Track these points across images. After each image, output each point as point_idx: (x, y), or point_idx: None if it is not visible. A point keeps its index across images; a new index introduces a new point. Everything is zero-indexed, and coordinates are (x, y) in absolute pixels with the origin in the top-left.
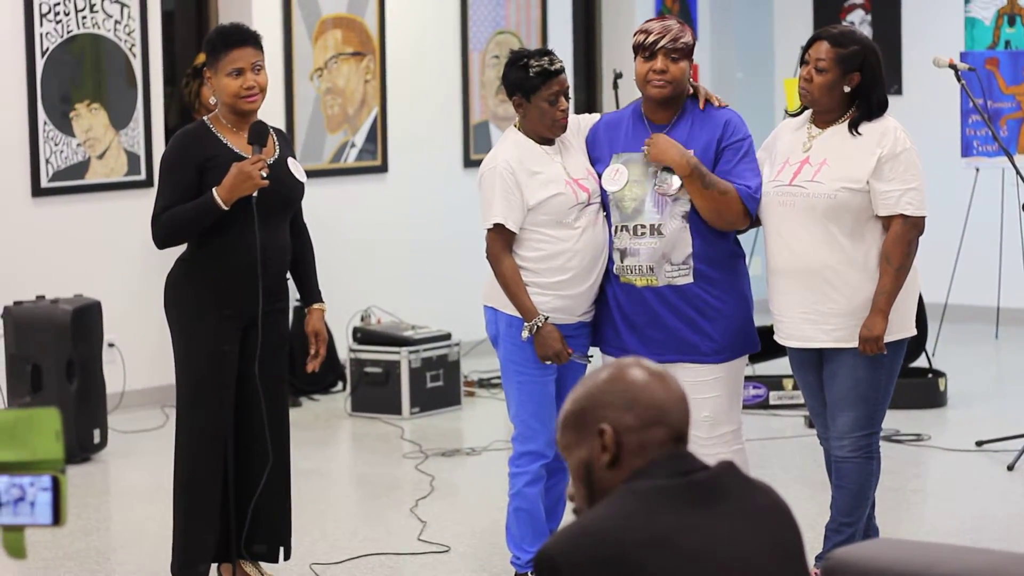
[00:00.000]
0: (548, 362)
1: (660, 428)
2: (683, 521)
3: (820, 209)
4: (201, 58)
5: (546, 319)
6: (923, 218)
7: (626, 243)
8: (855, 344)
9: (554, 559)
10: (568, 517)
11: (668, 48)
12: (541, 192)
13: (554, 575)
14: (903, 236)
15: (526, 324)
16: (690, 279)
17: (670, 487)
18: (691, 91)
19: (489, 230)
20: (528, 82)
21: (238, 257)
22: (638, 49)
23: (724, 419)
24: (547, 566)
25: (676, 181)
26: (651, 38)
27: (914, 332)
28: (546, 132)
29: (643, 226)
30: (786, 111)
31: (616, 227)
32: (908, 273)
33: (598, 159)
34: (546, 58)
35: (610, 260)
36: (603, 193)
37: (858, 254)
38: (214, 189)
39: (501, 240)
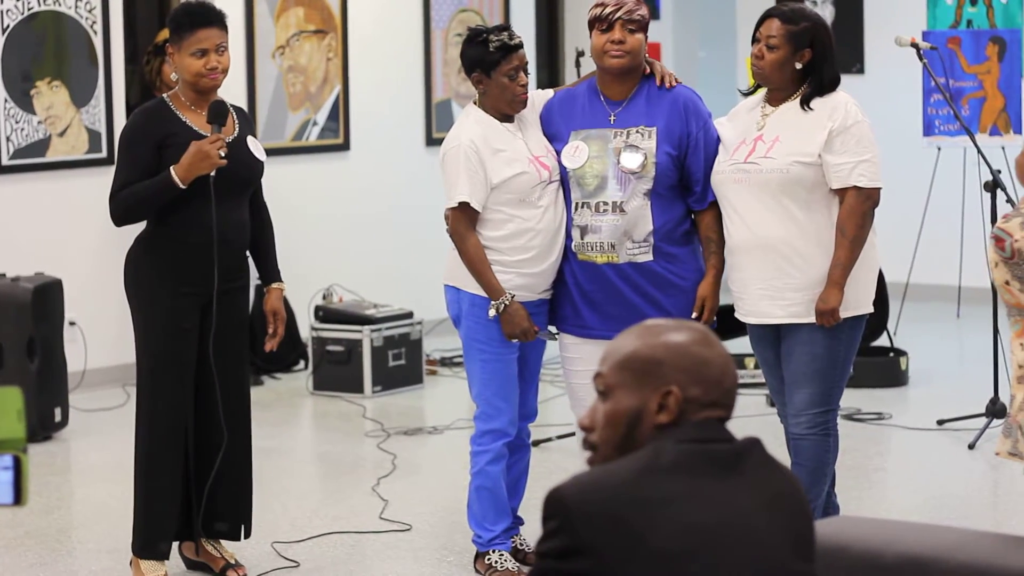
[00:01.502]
0: (515, 340)
1: (717, 409)
2: (697, 489)
3: (774, 184)
4: (163, 35)
5: (512, 297)
6: (877, 190)
7: (587, 220)
8: (812, 319)
9: (565, 501)
10: (530, 494)
11: (625, 19)
12: (505, 170)
13: (562, 514)
14: (857, 208)
15: (493, 303)
16: (650, 256)
17: (692, 452)
18: (647, 69)
19: (453, 209)
20: (488, 57)
21: (196, 235)
22: (594, 22)
23: None
24: (557, 506)
25: (639, 158)
26: (607, 10)
27: (871, 310)
28: (506, 108)
29: (605, 203)
30: (740, 91)
31: (576, 204)
32: (863, 245)
33: (554, 136)
34: (505, 33)
35: (568, 238)
36: (562, 170)
37: (813, 229)
38: (172, 168)
39: (465, 219)
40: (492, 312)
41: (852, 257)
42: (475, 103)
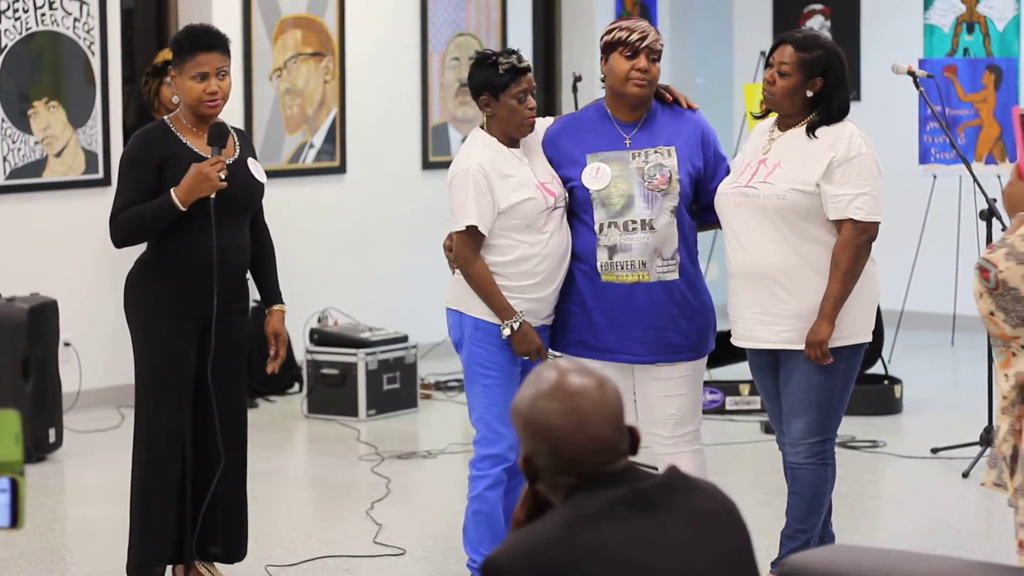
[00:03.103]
0: (526, 358)
1: (568, 478)
2: (629, 530)
3: (770, 210)
4: (161, 56)
5: (523, 314)
6: (875, 224)
7: (615, 239)
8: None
9: (500, 570)
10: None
11: (650, 48)
12: (513, 195)
13: None
14: (852, 241)
15: (506, 322)
16: (676, 275)
17: (615, 497)
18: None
19: (460, 233)
20: (497, 79)
21: (197, 257)
22: (617, 45)
23: (688, 418)
24: (493, 575)
25: (665, 173)
26: (634, 36)
27: (870, 339)
28: (514, 132)
29: (634, 221)
30: (751, 114)
31: (601, 224)
32: (856, 279)
33: (563, 162)
34: (514, 56)
35: (583, 261)
36: (582, 192)
37: (810, 257)
38: (172, 190)
39: (472, 242)
40: (506, 332)
41: (845, 291)
42: (481, 127)
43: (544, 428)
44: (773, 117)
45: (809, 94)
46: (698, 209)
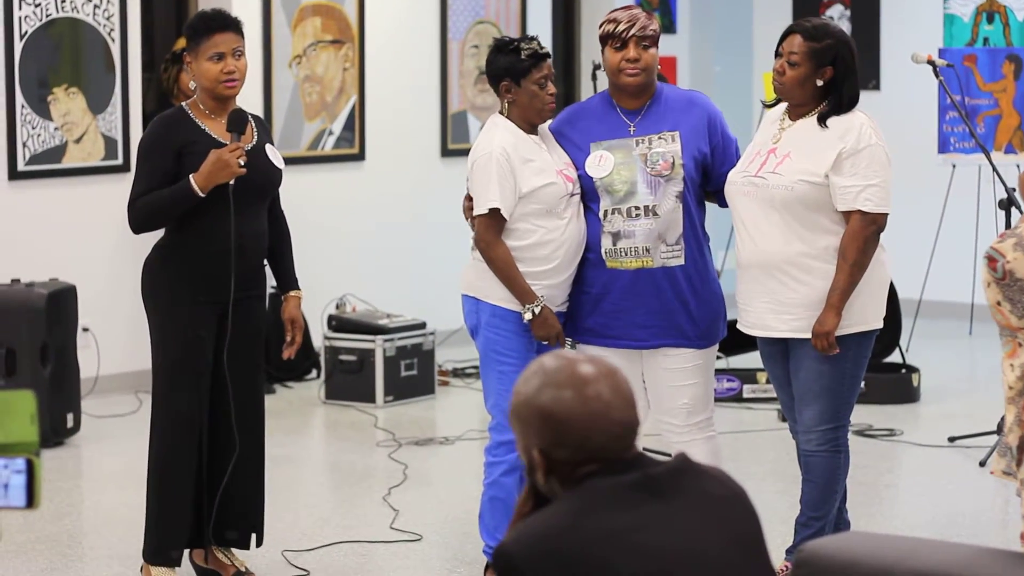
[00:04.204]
0: (546, 343)
1: (593, 464)
2: (640, 517)
3: (778, 200)
4: (181, 43)
5: (543, 298)
6: (884, 215)
7: (619, 226)
8: None
9: (512, 556)
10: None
11: (638, 36)
12: (535, 180)
13: (512, 572)
14: (860, 232)
15: (527, 306)
16: (682, 261)
17: (626, 483)
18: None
19: (482, 216)
20: (519, 64)
21: (214, 244)
22: (607, 39)
23: (700, 407)
24: (505, 563)
25: (668, 159)
26: (620, 27)
27: (880, 326)
28: (535, 117)
29: (637, 208)
30: (762, 102)
31: (606, 211)
32: (864, 270)
33: (570, 150)
34: (535, 42)
35: (590, 250)
36: (587, 180)
37: (819, 246)
38: (191, 176)
39: (495, 226)
40: (527, 316)
41: (852, 281)
42: (501, 113)
43: (568, 418)
44: (783, 105)
45: (819, 83)
46: (712, 193)
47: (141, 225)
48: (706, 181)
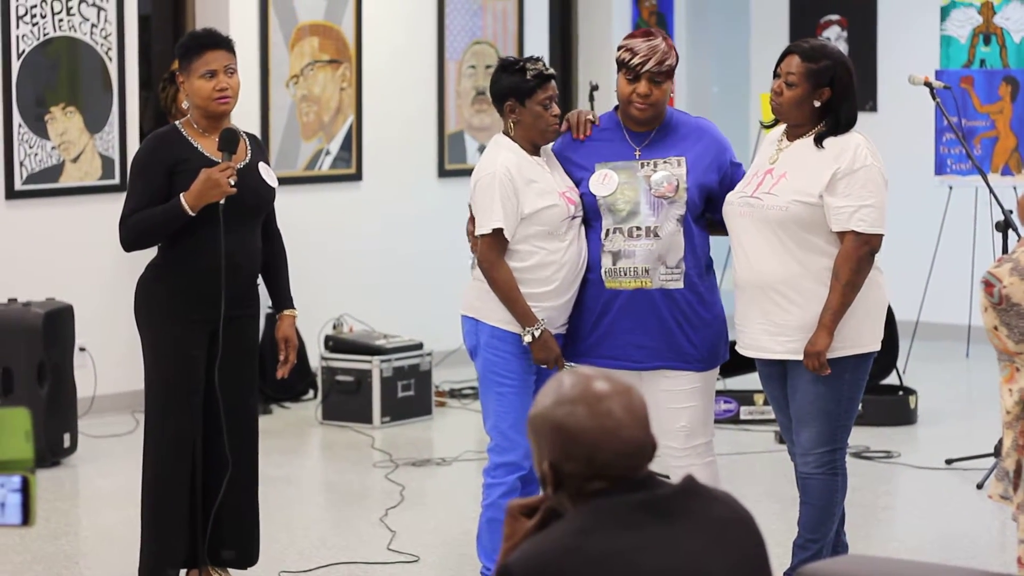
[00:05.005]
0: (545, 366)
1: (600, 482)
2: (644, 539)
3: (773, 221)
4: (177, 64)
5: (544, 321)
6: (878, 236)
7: (619, 245)
8: None
9: (514, 574)
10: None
11: (653, 72)
12: (538, 201)
13: None
14: (853, 253)
15: (528, 329)
16: (681, 284)
17: (632, 503)
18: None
19: (485, 236)
20: (524, 84)
21: (206, 262)
22: (622, 66)
23: (699, 430)
24: None
25: (673, 181)
26: (636, 60)
27: (877, 348)
28: (538, 138)
29: (638, 228)
30: (760, 123)
31: (607, 230)
32: (857, 291)
33: (571, 172)
34: (540, 62)
35: (590, 270)
36: (590, 199)
37: (814, 268)
38: (182, 195)
39: (498, 246)
40: (527, 339)
41: (844, 302)
42: (504, 133)
43: (578, 433)
44: (783, 126)
45: (816, 104)
46: (714, 223)
47: (132, 243)
48: (712, 209)
